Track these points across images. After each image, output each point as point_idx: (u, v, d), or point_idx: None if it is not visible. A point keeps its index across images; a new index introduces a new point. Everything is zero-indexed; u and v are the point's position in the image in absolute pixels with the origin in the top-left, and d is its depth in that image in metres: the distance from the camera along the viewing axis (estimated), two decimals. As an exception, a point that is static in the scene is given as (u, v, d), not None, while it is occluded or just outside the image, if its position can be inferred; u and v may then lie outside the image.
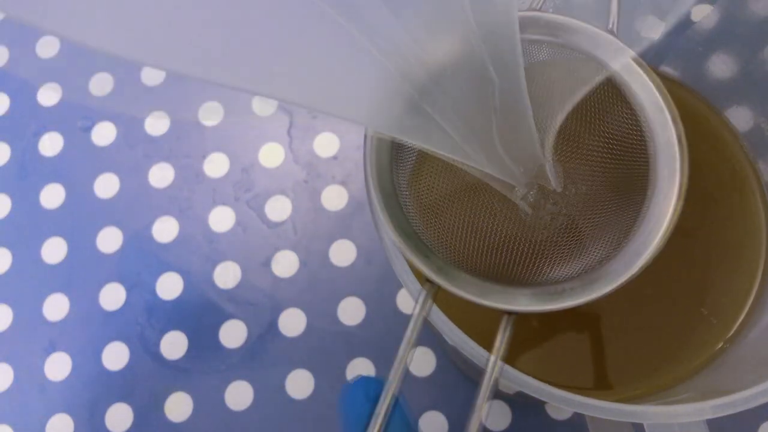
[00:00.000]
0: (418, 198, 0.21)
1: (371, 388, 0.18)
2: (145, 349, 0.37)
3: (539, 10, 0.20)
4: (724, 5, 0.29)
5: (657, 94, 0.19)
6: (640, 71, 0.19)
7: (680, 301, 0.29)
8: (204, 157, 0.40)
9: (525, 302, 0.19)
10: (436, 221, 0.21)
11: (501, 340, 0.18)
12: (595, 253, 0.20)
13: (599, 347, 0.29)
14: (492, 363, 0.18)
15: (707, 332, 0.29)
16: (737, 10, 0.29)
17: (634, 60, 0.19)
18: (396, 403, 0.18)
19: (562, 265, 0.20)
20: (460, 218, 0.22)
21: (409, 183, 0.21)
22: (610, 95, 0.20)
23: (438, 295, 0.20)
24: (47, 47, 0.44)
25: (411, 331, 0.18)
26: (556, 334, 0.29)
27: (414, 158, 0.22)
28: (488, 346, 0.21)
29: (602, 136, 0.21)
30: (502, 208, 0.22)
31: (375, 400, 0.18)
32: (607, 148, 0.21)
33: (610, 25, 0.20)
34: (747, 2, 0.28)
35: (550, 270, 0.20)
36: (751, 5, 0.28)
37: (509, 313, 0.19)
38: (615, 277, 0.18)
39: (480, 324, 0.22)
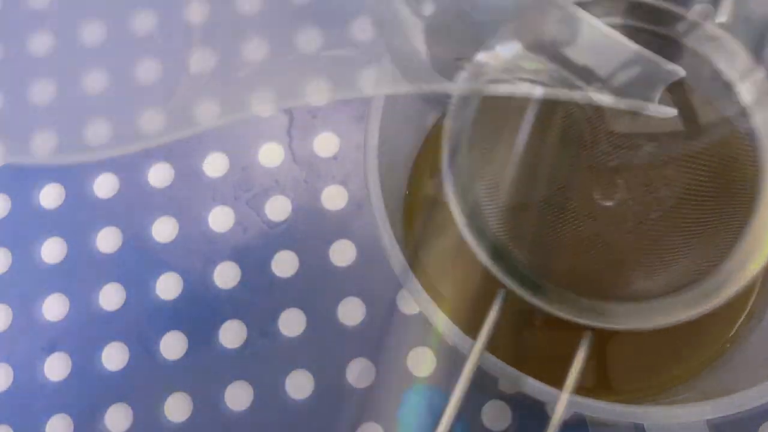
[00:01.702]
0: (495, 194, 0.20)
1: (434, 399, 0.18)
2: (145, 349, 0.37)
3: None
4: (723, 5, 0.29)
5: None
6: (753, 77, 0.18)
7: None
8: (204, 156, 0.40)
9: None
10: (515, 219, 0.20)
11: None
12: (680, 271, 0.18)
13: (599, 347, 0.29)
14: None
15: (708, 332, 0.29)
16: (737, 10, 0.29)
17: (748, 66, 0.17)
18: (459, 420, 0.18)
19: (645, 278, 0.19)
20: (541, 217, 0.20)
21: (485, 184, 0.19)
22: (720, 96, 0.18)
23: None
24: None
25: (482, 344, 0.18)
26: (556, 334, 0.29)
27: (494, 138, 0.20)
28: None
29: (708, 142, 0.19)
30: (586, 210, 0.20)
31: (437, 413, 0.17)
32: (711, 154, 0.19)
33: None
34: (747, 2, 0.28)
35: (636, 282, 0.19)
36: (751, 5, 0.28)
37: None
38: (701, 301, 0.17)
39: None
